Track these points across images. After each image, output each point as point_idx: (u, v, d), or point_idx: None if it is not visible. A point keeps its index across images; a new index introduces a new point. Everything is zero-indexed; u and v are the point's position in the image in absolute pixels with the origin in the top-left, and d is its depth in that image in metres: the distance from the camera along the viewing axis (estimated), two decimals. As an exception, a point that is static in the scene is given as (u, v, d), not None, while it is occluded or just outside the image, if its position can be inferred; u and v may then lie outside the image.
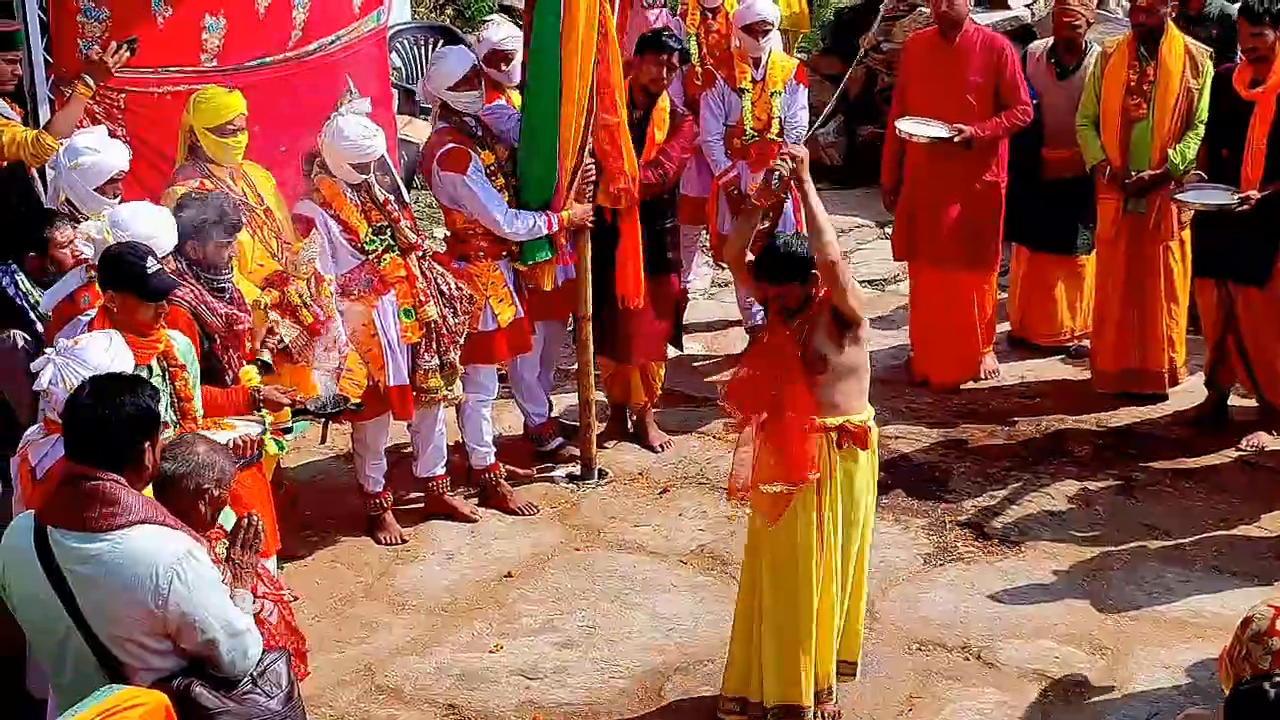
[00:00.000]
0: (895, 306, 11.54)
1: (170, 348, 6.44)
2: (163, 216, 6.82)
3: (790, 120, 10.19)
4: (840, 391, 6.79)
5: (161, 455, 5.44)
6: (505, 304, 8.73)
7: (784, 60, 10.34)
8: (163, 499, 5.43)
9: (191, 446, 5.54)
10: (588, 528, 8.87)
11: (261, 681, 5.29)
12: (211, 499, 5.53)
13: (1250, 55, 8.99)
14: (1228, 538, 8.61)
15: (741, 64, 10.14)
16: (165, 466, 5.44)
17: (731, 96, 10.15)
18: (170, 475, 5.46)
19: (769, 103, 10.11)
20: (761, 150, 10.12)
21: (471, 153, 8.51)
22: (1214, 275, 9.34)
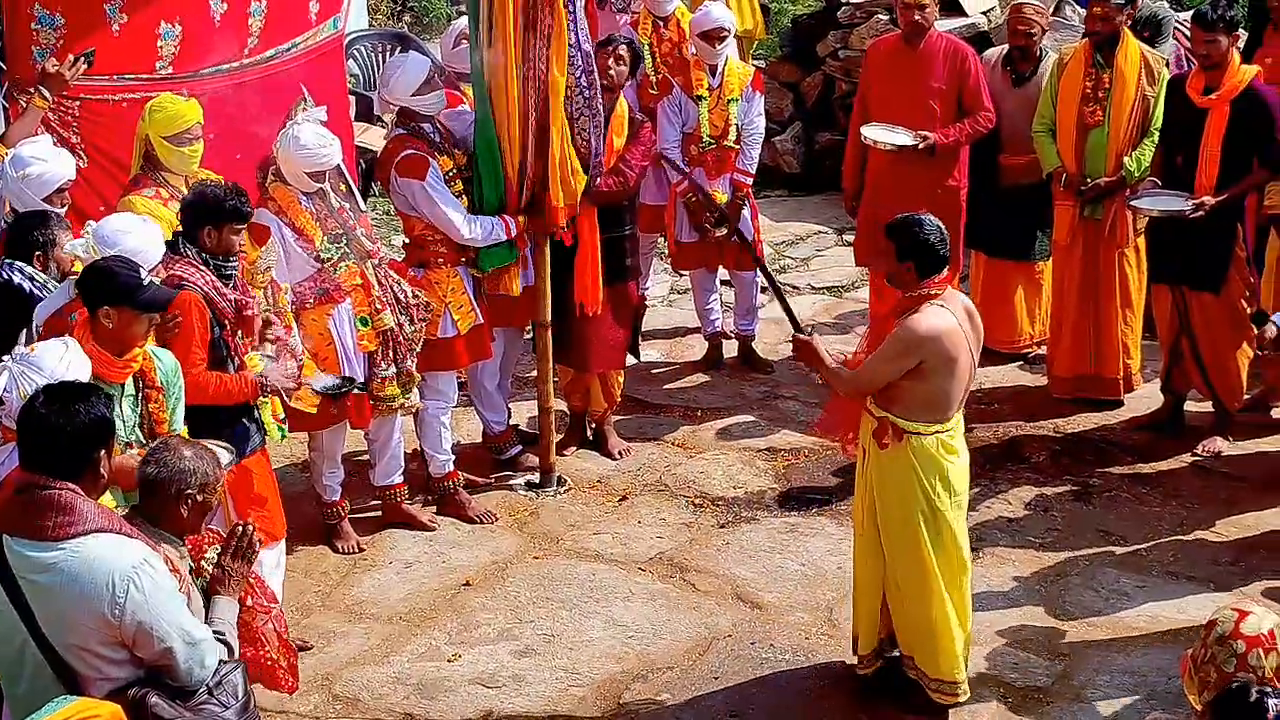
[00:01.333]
0: (854, 313, 11.55)
1: (150, 367, 6.37)
2: (149, 230, 6.76)
3: (747, 127, 10.20)
4: (900, 390, 6.92)
5: (144, 459, 5.44)
6: (465, 310, 8.72)
7: (741, 68, 10.35)
8: (145, 502, 5.44)
9: (176, 451, 5.49)
10: (546, 536, 8.86)
11: (218, 692, 5.27)
12: (193, 503, 5.47)
13: (1203, 62, 9.04)
14: (1184, 543, 8.65)
15: (698, 71, 10.14)
16: (147, 470, 5.43)
17: (688, 104, 10.15)
18: (151, 479, 5.44)
19: (726, 110, 10.12)
20: (719, 158, 10.13)
21: (430, 159, 8.49)
22: (1169, 281, 9.39)
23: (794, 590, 8.33)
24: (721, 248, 10.38)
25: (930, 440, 6.96)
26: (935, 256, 6.87)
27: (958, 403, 6.98)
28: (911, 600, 7.17)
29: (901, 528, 7.08)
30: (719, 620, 8.10)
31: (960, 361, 6.85)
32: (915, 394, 6.91)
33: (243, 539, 5.58)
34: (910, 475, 6.99)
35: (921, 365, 6.81)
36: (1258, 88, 9.02)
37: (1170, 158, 9.29)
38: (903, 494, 7.03)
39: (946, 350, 6.79)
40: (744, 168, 10.26)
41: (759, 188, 10.86)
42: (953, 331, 6.82)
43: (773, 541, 8.78)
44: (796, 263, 12.54)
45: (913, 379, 6.86)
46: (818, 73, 14.35)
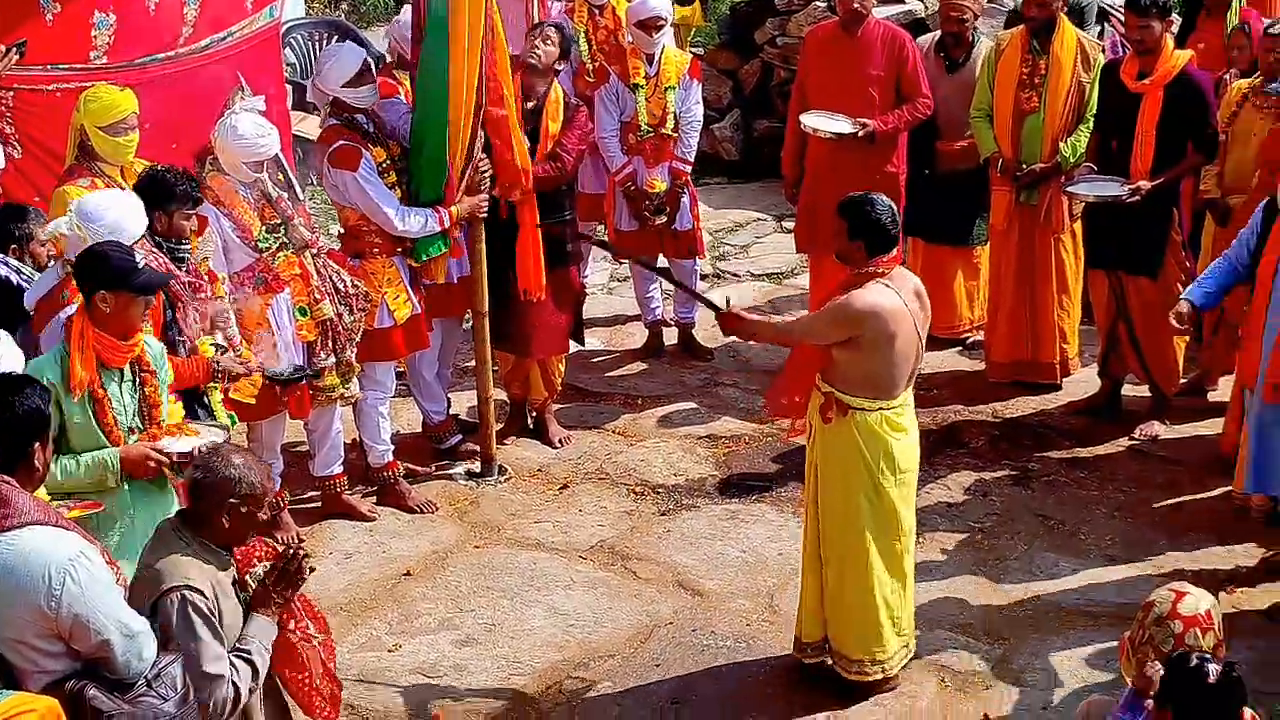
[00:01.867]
0: (793, 299, 11.57)
1: (143, 353, 6.37)
2: (130, 203, 6.78)
3: (685, 115, 10.20)
4: (841, 364, 6.98)
5: (194, 464, 5.38)
6: (401, 301, 8.69)
7: (678, 55, 10.33)
8: (190, 507, 5.38)
9: (225, 458, 5.39)
10: (487, 525, 8.84)
11: (156, 684, 5.22)
12: (237, 514, 5.36)
13: (1137, 47, 9.10)
14: (1122, 526, 8.71)
15: (635, 60, 10.12)
16: (195, 475, 5.36)
17: (625, 93, 10.14)
18: (196, 484, 5.36)
19: (663, 98, 10.11)
20: (656, 146, 10.13)
21: (363, 150, 8.46)
22: (1106, 267, 9.44)
23: (735, 577, 8.35)
24: (661, 236, 10.37)
25: (874, 416, 6.99)
26: (885, 235, 6.92)
27: (903, 381, 7.00)
28: (840, 577, 7.21)
29: (842, 504, 7.11)
30: (660, 608, 8.10)
31: (900, 339, 6.87)
32: (855, 368, 6.94)
33: (291, 563, 5.46)
34: (854, 451, 7.03)
35: (859, 339, 6.84)
36: (1191, 72, 9.08)
37: (1105, 143, 9.35)
38: (845, 469, 7.07)
39: (884, 327, 6.82)
40: (682, 155, 10.25)
41: (698, 175, 10.86)
42: (895, 310, 6.85)
43: (714, 529, 8.80)
44: (736, 249, 12.56)
45: (851, 352, 6.90)
46: (756, 60, 14.36)
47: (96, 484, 6.20)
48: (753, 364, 10.67)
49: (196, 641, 5.21)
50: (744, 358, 10.73)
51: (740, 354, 10.77)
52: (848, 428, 7.02)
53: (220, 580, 5.35)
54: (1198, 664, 4.71)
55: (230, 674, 5.25)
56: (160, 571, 5.25)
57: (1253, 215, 7.99)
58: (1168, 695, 4.75)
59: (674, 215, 10.25)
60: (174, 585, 5.22)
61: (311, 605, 5.78)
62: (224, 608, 5.33)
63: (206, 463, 5.38)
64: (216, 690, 5.22)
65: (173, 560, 5.27)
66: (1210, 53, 9.89)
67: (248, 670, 5.31)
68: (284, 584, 5.47)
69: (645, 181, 10.17)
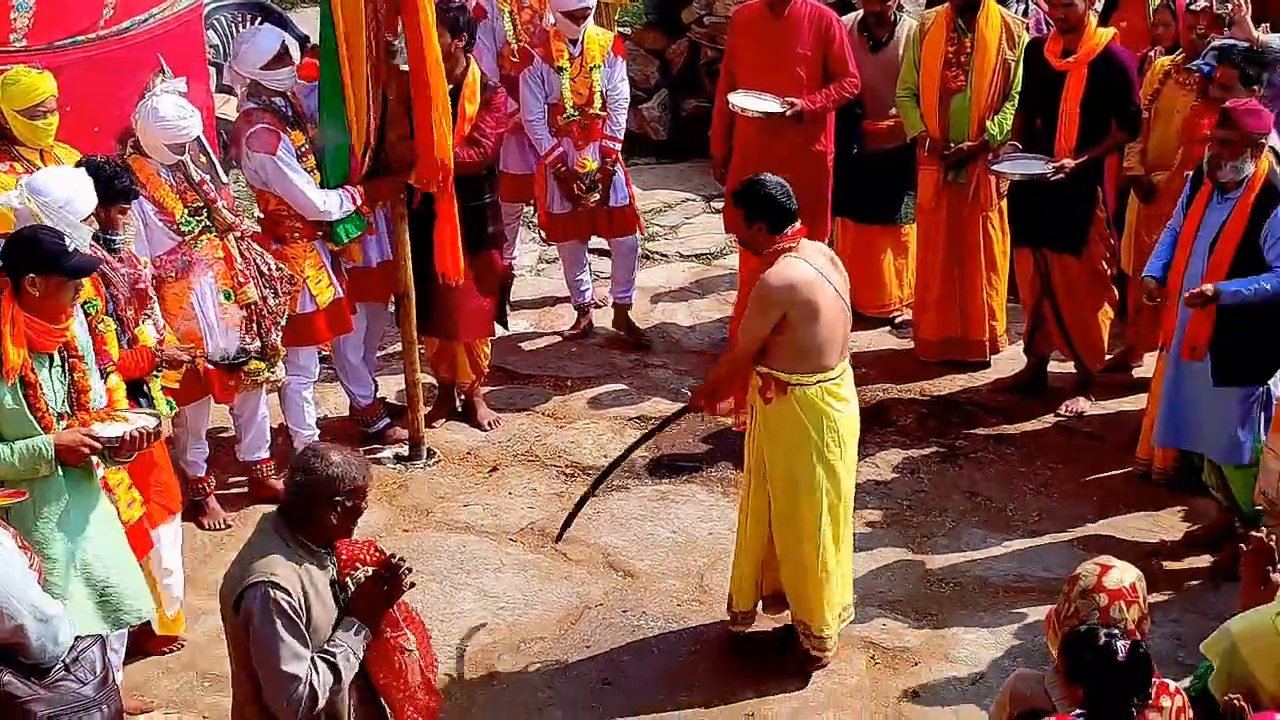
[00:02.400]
0: (723, 279, 11.56)
1: (73, 338, 6.30)
2: (80, 179, 6.74)
3: (612, 93, 10.16)
4: (772, 344, 7.02)
5: (293, 466, 5.33)
6: (323, 285, 8.64)
7: (600, 34, 10.26)
8: (293, 509, 5.30)
9: (324, 457, 5.33)
10: (416, 508, 8.81)
11: (75, 668, 5.20)
12: (343, 509, 5.32)
13: (1061, 25, 9.14)
14: (1049, 502, 8.76)
15: (558, 43, 10.01)
16: (297, 479, 5.29)
17: (550, 75, 10.06)
18: (301, 486, 5.29)
19: (589, 78, 10.05)
20: (585, 127, 10.10)
21: (281, 133, 8.41)
22: (1031, 244, 9.49)
23: (665, 557, 8.36)
24: (595, 216, 10.34)
25: (814, 390, 7.03)
26: (783, 210, 6.95)
27: (835, 349, 7.04)
28: (799, 555, 7.24)
29: (791, 483, 7.16)
30: (591, 589, 8.10)
31: (823, 307, 6.91)
32: (787, 346, 6.98)
33: (390, 572, 5.40)
34: (798, 426, 7.07)
35: (786, 317, 6.87)
36: (1114, 50, 9.12)
37: (1030, 121, 9.39)
38: (790, 446, 7.12)
39: (805, 298, 6.87)
40: (612, 133, 10.22)
41: (626, 156, 10.81)
42: (811, 280, 6.90)
43: (644, 510, 8.81)
44: (665, 230, 12.54)
45: (780, 332, 6.94)
46: (683, 39, 14.34)
47: (30, 473, 6.14)
48: (682, 344, 10.66)
49: (275, 639, 5.13)
50: (673, 339, 10.72)
51: (669, 335, 10.76)
52: (789, 404, 7.06)
53: (315, 580, 5.28)
54: (1106, 640, 4.73)
55: (309, 675, 5.16)
56: (251, 568, 5.20)
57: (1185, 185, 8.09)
58: (1076, 672, 4.77)
59: (607, 193, 10.22)
60: (258, 580, 5.15)
61: (413, 615, 5.68)
62: (314, 608, 5.25)
63: (307, 464, 5.30)
64: (292, 690, 5.14)
65: (267, 558, 5.22)
66: (1133, 31, 9.93)
67: (329, 674, 5.22)
68: (382, 592, 5.39)
69: (575, 162, 10.12)
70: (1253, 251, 7.62)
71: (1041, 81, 9.24)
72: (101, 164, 7.24)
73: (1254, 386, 7.79)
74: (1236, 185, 7.66)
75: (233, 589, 5.22)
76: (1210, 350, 7.78)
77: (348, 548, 5.46)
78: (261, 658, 5.14)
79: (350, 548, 5.47)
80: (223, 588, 5.32)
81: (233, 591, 5.22)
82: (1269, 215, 7.58)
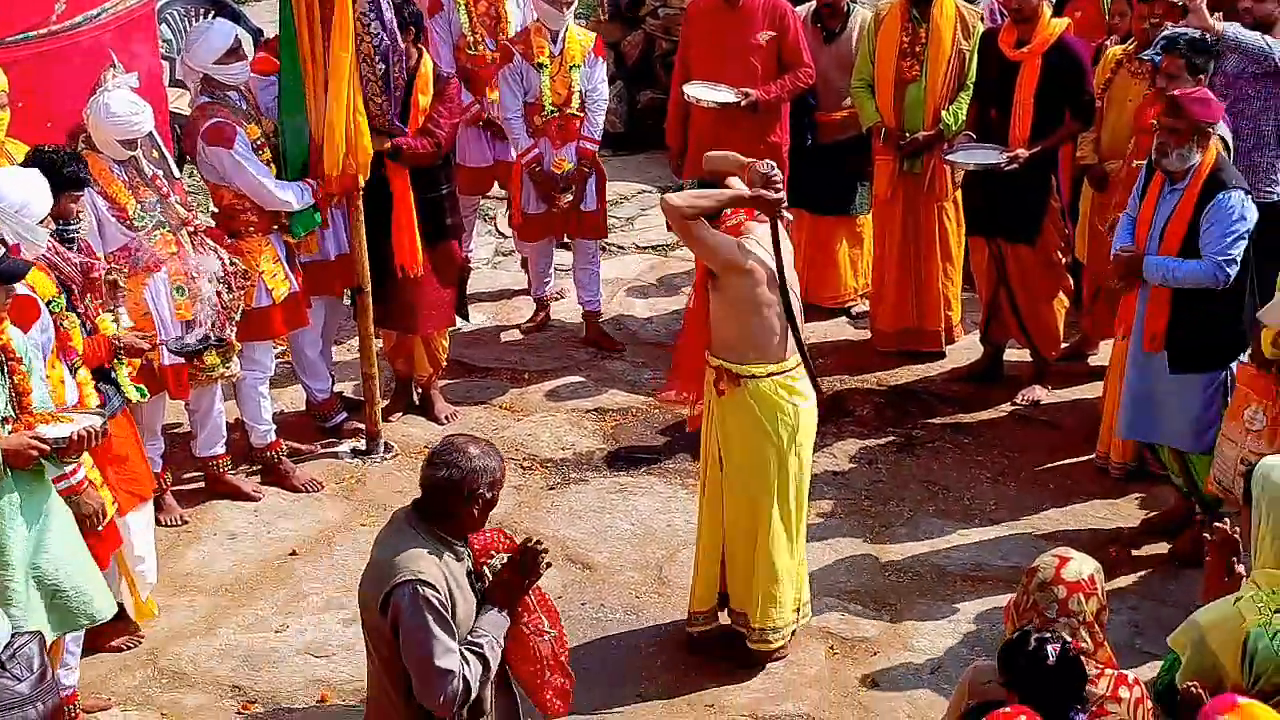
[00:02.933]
0: (680, 273, 11.55)
1: (8, 342, 6.22)
2: (35, 181, 6.68)
3: (591, 94, 10.04)
4: (723, 332, 7.06)
5: (431, 460, 5.28)
6: (279, 279, 8.60)
7: (582, 34, 10.14)
8: (431, 504, 5.28)
9: (463, 451, 5.29)
10: (373, 502, 8.78)
11: (10, 664, 5.15)
12: (483, 502, 5.29)
13: (1015, 16, 9.16)
14: (1006, 491, 8.79)
15: (539, 39, 9.89)
16: (439, 474, 5.24)
17: (530, 72, 9.91)
18: (445, 481, 5.24)
19: (568, 76, 9.93)
20: (562, 126, 9.98)
21: (237, 126, 8.37)
22: (986, 234, 9.51)
23: (624, 549, 8.36)
24: (567, 216, 10.24)
25: (767, 383, 7.04)
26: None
27: (785, 340, 7.04)
28: (748, 547, 7.25)
29: (747, 474, 7.17)
30: (549, 582, 7.97)
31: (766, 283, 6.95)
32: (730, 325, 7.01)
33: (528, 556, 5.36)
34: (752, 420, 7.08)
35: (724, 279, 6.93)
36: (1068, 40, 9.15)
37: (984, 111, 9.41)
38: (744, 439, 7.13)
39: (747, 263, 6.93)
40: (589, 135, 10.10)
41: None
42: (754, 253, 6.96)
43: (602, 502, 8.80)
44: (621, 222, 12.52)
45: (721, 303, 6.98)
46: (638, 32, 14.31)
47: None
48: (639, 336, 10.65)
49: (428, 635, 5.10)
50: (630, 330, 10.71)
51: (626, 327, 10.75)
52: (743, 397, 7.06)
53: (455, 573, 5.25)
54: (1036, 645, 4.73)
55: (461, 668, 5.14)
56: (395, 565, 5.16)
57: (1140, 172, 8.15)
58: (1008, 676, 4.77)
59: (581, 195, 10.14)
60: (406, 579, 5.11)
61: (546, 599, 5.64)
62: (457, 601, 5.21)
63: (449, 459, 5.25)
64: (447, 685, 5.12)
65: (409, 554, 5.18)
66: (1087, 21, 9.96)
67: (479, 665, 5.21)
68: (520, 577, 5.36)
69: (552, 163, 10.03)
70: (1199, 241, 7.68)
71: (996, 72, 9.27)
72: (50, 153, 7.18)
73: (1215, 372, 7.83)
74: (1184, 174, 7.70)
75: (378, 588, 5.18)
76: (1167, 339, 7.83)
77: (479, 537, 5.46)
78: (414, 655, 5.12)
79: (481, 537, 5.47)
80: (364, 589, 5.29)
81: (378, 591, 5.17)
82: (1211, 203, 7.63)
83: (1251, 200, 7.73)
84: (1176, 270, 7.68)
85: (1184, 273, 7.68)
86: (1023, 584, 5.12)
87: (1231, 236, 7.60)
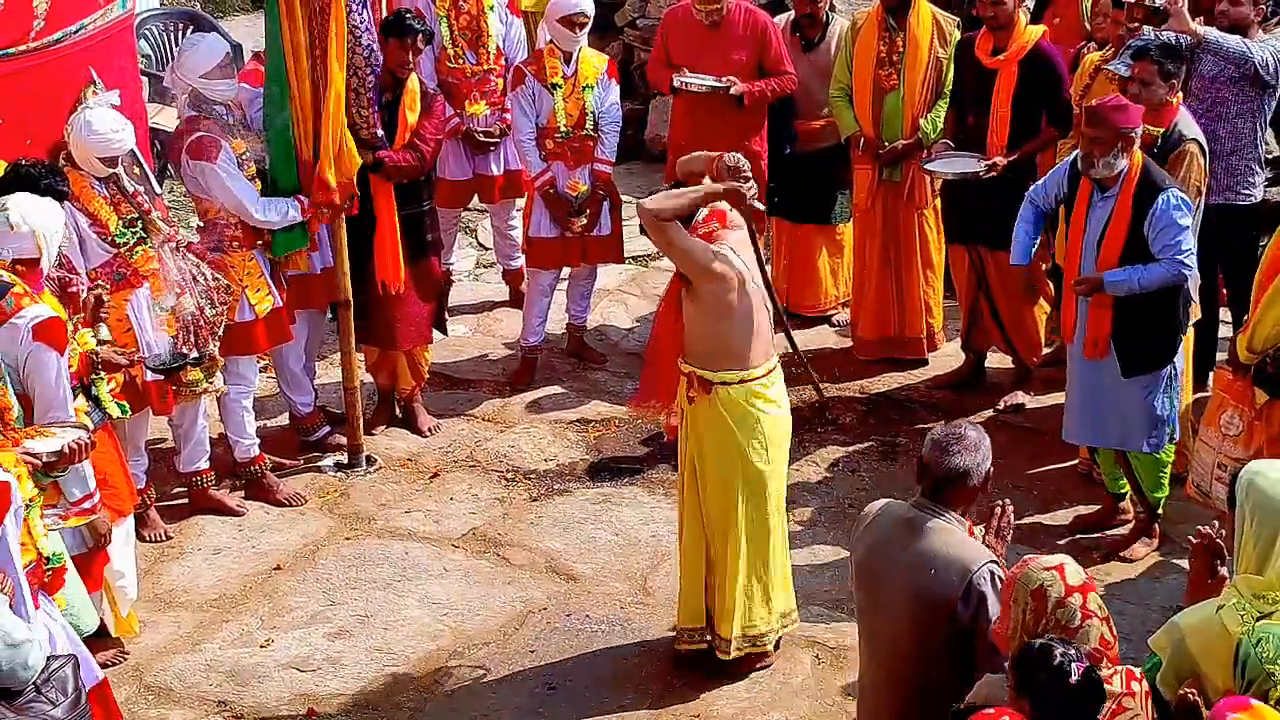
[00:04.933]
0: (660, 280, 11.53)
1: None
2: (58, 212, 6.77)
3: (605, 115, 9.93)
4: (696, 338, 7.07)
5: (944, 449, 5.45)
6: (262, 294, 8.59)
7: (595, 56, 10.02)
8: (951, 489, 5.46)
9: (968, 437, 5.49)
10: (358, 516, 8.79)
11: (45, 689, 5.16)
12: (988, 480, 5.51)
13: (990, 23, 9.18)
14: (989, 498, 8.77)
15: (552, 60, 9.81)
16: (955, 462, 5.42)
17: (542, 94, 9.82)
18: (965, 469, 5.43)
19: (581, 97, 9.84)
20: (576, 149, 9.88)
21: (222, 141, 8.37)
22: (965, 242, 9.54)
23: (608, 560, 8.37)
24: (583, 242, 10.10)
25: (737, 390, 7.04)
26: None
27: (759, 347, 7.07)
28: (720, 555, 7.28)
29: (718, 482, 7.18)
30: (534, 594, 8.10)
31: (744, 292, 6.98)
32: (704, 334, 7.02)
33: (1001, 519, 5.57)
34: (723, 427, 7.10)
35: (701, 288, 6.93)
36: (1044, 47, 9.18)
37: (962, 119, 9.43)
38: (716, 446, 7.15)
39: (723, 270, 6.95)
40: (604, 156, 10.00)
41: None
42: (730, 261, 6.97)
43: (585, 513, 8.81)
44: (602, 233, 12.53)
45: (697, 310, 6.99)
46: (617, 42, 14.33)
47: None
48: (621, 347, 10.66)
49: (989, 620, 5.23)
50: (611, 341, 10.72)
51: (608, 337, 10.76)
52: (713, 405, 7.07)
53: None
54: (1061, 661, 4.68)
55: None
56: (958, 557, 5.36)
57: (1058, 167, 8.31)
58: (1026, 686, 4.71)
59: (595, 219, 10.08)
60: (983, 563, 5.33)
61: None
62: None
63: (961, 448, 5.44)
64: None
65: (959, 541, 5.41)
66: (1066, 27, 9.98)
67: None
68: (999, 538, 5.56)
69: (567, 185, 9.93)
70: (1139, 244, 7.72)
71: (973, 79, 9.29)
72: (29, 167, 7.19)
73: (1162, 369, 7.89)
74: (1114, 180, 7.72)
75: (952, 581, 5.34)
76: (1114, 344, 7.85)
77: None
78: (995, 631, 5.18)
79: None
80: (929, 587, 5.39)
81: (954, 583, 5.33)
82: (1150, 207, 7.66)
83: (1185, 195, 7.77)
84: (1143, 278, 7.70)
85: (1150, 279, 7.70)
86: (1031, 608, 4.97)
87: (1183, 234, 7.66)
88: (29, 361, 6.39)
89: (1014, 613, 5.00)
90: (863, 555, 5.66)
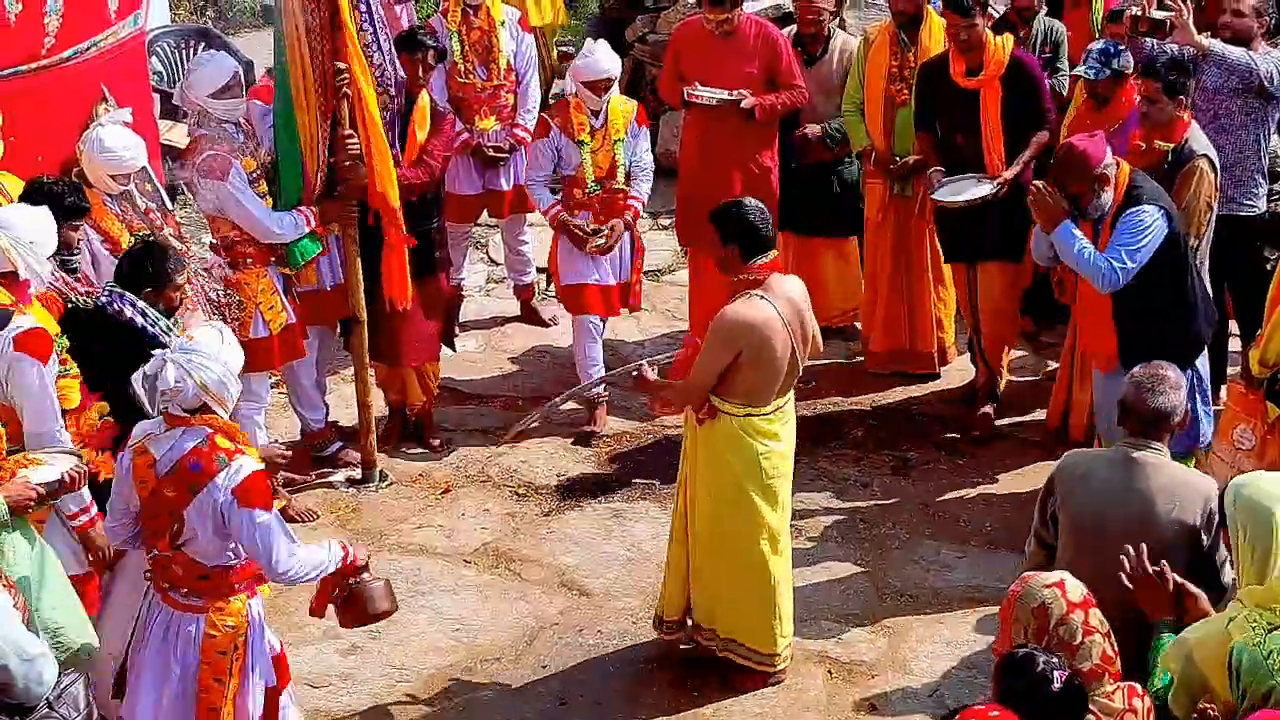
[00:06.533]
0: (673, 297, 11.56)
1: None
2: (45, 220, 6.72)
3: (637, 164, 9.76)
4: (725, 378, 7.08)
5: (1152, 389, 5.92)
6: (276, 311, 8.61)
7: (624, 104, 9.79)
8: (1158, 428, 5.94)
9: (1166, 374, 5.98)
10: (370, 532, 8.78)
11: (58, 704, 5.17)
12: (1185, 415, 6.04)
13: (962, 46, 9.12)
14: (1001, 511, 8.79)
15: (579, 115, 9.62)
16: (1161, 402, 5.95)
17: (569, 147, 9.61)
18: (1172, 408, 5.94)
19: (612, 150, 9.64)
20: (606, 202, 9.68)
21: (232, 159, 8.38)
22: (964, 260, 9.53)
23: (620, 576, 8.37)
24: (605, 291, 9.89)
25: (739, 421, 7.08)
26: (759, 238, 6.99)
27: (773, 390, 7.09)
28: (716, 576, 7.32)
29: (708, 506, 7.23)
30: (546, 609, 8.10)
31: (775, 354, 6.98)
32: (735, 382, 7.03)
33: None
34: (719, 455, 7.15)
35: (739, 357, 6.93)
36: (1019, 57, 9.19)
37: (950, 138, 9.36)
38: (712, 472, 7.19)
39: (759, 339, 6.93)
40: (635, 195, 9.78)
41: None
42: (768, 321, 6.94)
43: (597, 528, 8.81)
44: (613, 248, 12.54)
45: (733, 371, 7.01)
46: (626, 58, 14.32)
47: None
48: (632, 361, 10.62)
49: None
50: (622, 356, 10.71)
51: (619, 352, 10.74)
52: (715, 432, 7.13)
53: None
54: (1043, 669, 4.68)
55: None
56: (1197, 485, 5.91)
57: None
58: (1009, 695, 4.70)
59: (611, 247, 9.74)
60: (1215, 491, 5.76)
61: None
62: None
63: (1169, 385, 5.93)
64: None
65: (1184, 472, 5.98)
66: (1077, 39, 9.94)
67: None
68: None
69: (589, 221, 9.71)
70: None
71: (953, 99, 9.23)
72: (50, 183, 7.23)
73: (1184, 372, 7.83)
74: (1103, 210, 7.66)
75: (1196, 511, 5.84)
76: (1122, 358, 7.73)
77: None
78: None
79: None
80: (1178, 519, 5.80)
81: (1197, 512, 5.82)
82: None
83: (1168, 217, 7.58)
84: (1081, 252, 7.55)
85: (1081, 258, 7.56)
86: (1036, 628, 4.99)
87: (1133, 246, 7.48)
88: (10, 373, 6.35)
89: (1015, 630, 5.01)
90: (1085, 500, 5.96)
